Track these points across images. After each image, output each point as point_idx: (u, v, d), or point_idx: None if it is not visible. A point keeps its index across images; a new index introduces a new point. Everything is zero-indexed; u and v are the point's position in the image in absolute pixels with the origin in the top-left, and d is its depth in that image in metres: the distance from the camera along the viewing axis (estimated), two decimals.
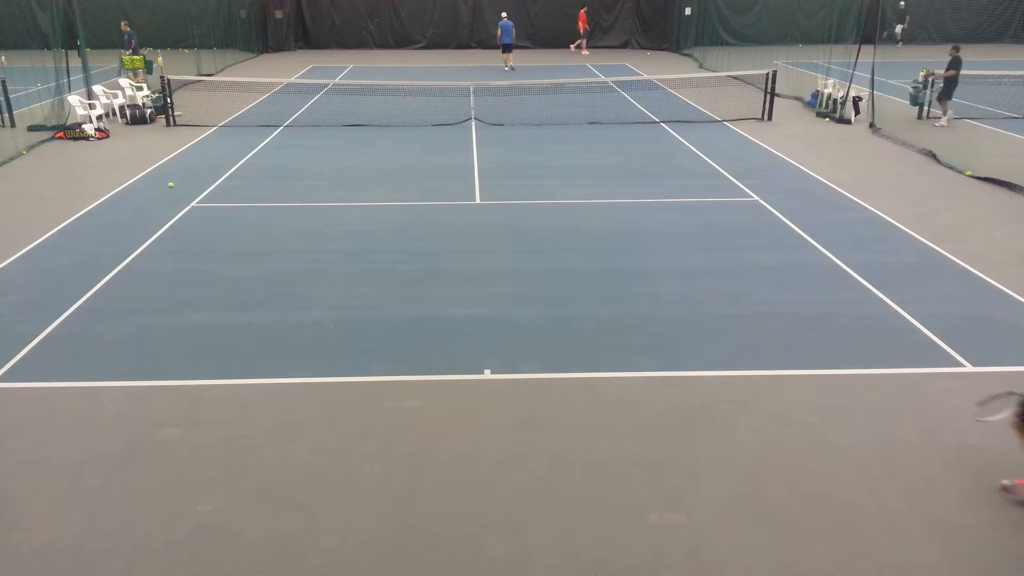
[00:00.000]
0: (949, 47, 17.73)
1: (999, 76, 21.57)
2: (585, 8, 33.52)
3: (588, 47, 34.12)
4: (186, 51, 28.14)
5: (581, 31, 33.20)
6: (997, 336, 7.78)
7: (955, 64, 17.20)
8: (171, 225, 11.09)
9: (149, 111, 18.64)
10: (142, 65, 21.21)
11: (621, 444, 6.07)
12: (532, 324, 8.08)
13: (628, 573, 4.82)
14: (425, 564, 4.89)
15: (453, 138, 16.75)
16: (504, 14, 29.99)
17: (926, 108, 18.49)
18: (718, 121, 18.58)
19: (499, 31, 28.40)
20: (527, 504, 5.41)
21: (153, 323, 8.10)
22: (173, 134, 17.31)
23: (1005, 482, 5.54)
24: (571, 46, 33.53)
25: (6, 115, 17.69)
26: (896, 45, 31.72)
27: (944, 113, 17.92)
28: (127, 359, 7.37)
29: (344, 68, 28.74)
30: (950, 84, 17.57)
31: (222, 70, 27.21)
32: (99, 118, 17.64)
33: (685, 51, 32.66)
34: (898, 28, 32.56)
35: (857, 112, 18.42)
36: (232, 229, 10.97)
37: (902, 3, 32.54)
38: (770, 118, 18.52)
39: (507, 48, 28.16)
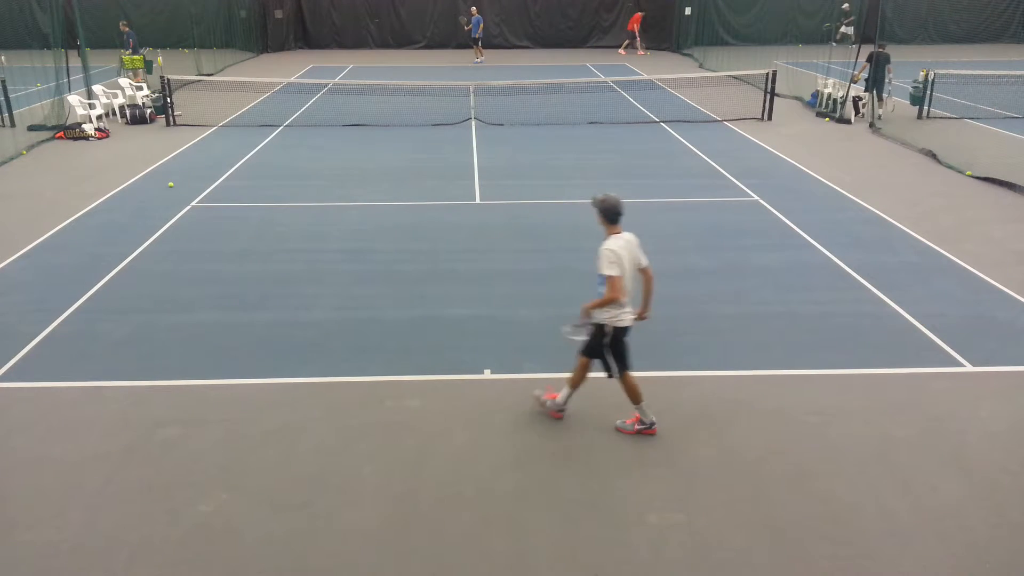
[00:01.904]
0: (879, 45, 18.40)
1: (999, 76, 21.58)
2: (642, 13, 33.06)
3: (589, 47, 34.29)
4: (186, 51, 28.15)
5: (635, 32, 33.01)
6: (997, 336, 7.78)
7: (869, 59, 18.00)
8: (171, 225, 11.09)
9: (149, 111, 18.64)
10: (142, 65, 21.20)
11: (621, 444, 6.07)
12: (532, 324, 8.08)
13: (628, 573, 4.82)
14: (425, 564, 4.89)
15: (453, 138, 16.75)
16: (474, 8, 31.10)
17: (926, 108, 18.50)
18: (718, 121, 18.58)
19: (473, 25, 30.29)
20: (527, 504, 5.41)
21: (153, 323, 8.10)
22: (173, 134, 17.31)
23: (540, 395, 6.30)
24: (637, 51, 33.44)
25: (6, 115, 17.69)
26: (844, 45, 31.30)
27: (882, 106, 18.41)
28: (127, 359, 7.37)
29: (344, 68, 28.74)
30: (876, 79, 18.23)
31: (222, 70, 27.21)
32: (99, 118, 17.64)
33: (685, 51, 32.66)
34: (844, 28, 32.15)
35: (857, 112, 18.43)
36: (232, 229, 10.97)
37: (846, 5, 32.19)
38: (770, 118, 18.52)
39: (475, 41, 30.26)
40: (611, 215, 5.82)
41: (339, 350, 7.58)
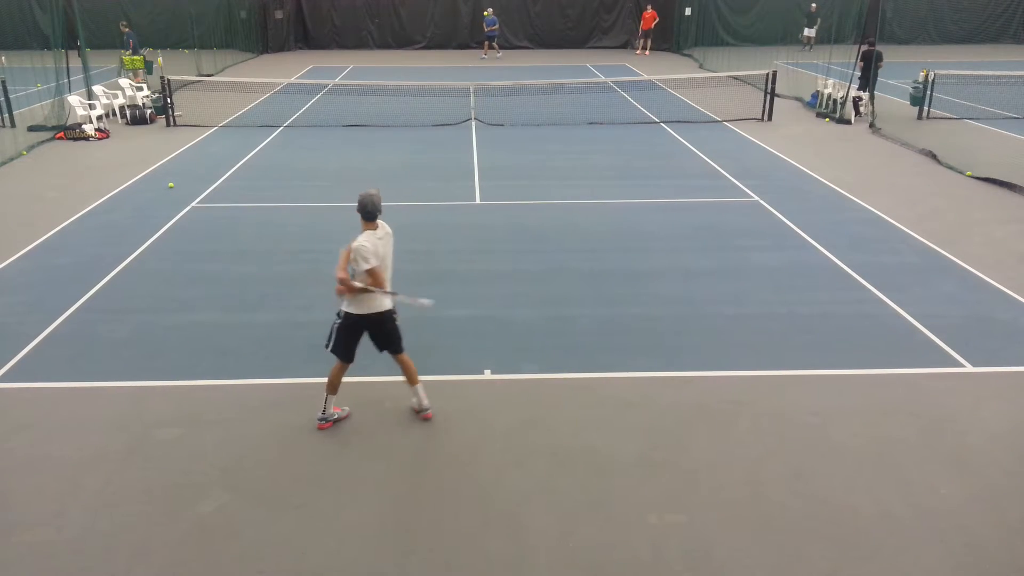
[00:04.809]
0: (868, 41, 18.61)
1: (999, 76, 21.59)
2: (651, 8, 32.76)
3: (589, 47, 34.35)
4: (186, 51, 28.16)
5: (643, 31, 32.91)
6: (997, 336, 7.78)
7: (865, 56, 18.26)
8: (171, 225, 11.09)
9: (149, 111, 18.64)
10: (142, 65, 21.22)
11: (621, 444, 6.07)
12: (532, 324, 8.08)
13: (628, 573, 4.81)
14: (425, 564, 4.89)
15: (453, 138, 16.75)
16: (490, 9, 31.98)
17: (926, 109, 18.50)
18: (718, 121, 18.58)
19: (485, 24, 31.73)
20: (527, 504, 5.41)
21: (153, 323, 8.10)
22: (173, 134, 17.31)
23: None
24: (636, 49, 33.29)
25: (6, 115, 17.69)
26: (805, 49, 31.14)
27: (868, 102, 18.53)
28: (127, 359, 7.37)
29: (344, 68, 28.74)
30: (866, 75, 18.43)
31: (222, 70, 27.21)
32: (99, 118, 17.64)
33: (685, 51, 32.65)
34: (807, 32, 31.86)
35: (857, 112, 18.43)
36: (232, 229, 10.97)
37: (814, 5, 31.89)
38: (770, 118, 18.52)
39: (489, 39, 31.68)
40: (364, 212, 5.91)
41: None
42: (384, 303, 6.05)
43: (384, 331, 6.16)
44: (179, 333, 7.89)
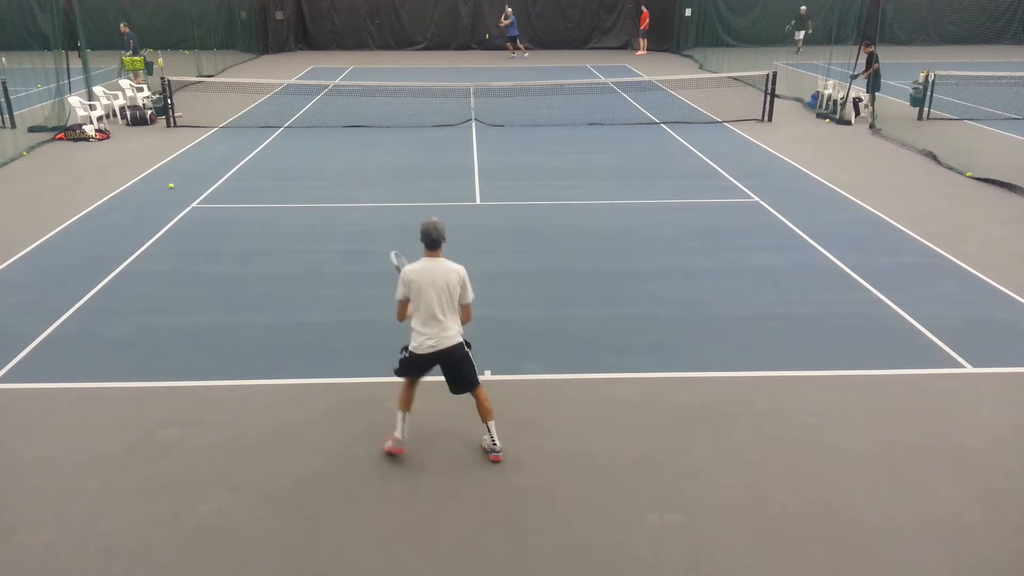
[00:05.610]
0: (864, 44, 18.46)
1: (999, 77, 21.59)
2: (645, 9, 32.89)
3: (590, 48, 34.41)
4: (186, 52, 28.19)
5: (641, 30, 33.03)
6: (997, 336, 7.78)
7: (873, 59, 18.09)
8: (171, 226, 11.09)
9: (149, 112, 18.66)
10: (142, 66, 21.21)
11: (621, 444, 6.07)
12: (532, 324, 8.08)
13: (628, 573, 4.81)
14: (425, 564, 4.89)
15: (453, 139, 16.76)
16: (509, 9, 32.11)
17: (926, 109, 18.49)
18: (718, 122, 18.59)
19: (510, 23, 32.03)
20: (527, 504, 5.41)
21: (153, 323, 8.10)
22: (173, 135, 17.32)
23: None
24: (637, 50, 33.49)
25: (7, 116, 17.70)
26: (796, 52, 31.10)
27: (870, 103, 18.47)
28: (127, 359, 7.37)
29: (344, 69, 28.75)
30: (876, 78, 18.24)
31: (222, 71, 27.23)
32: (99, 119, 17.65)
33: (685, 52, 32.66)
34: (799, 34, 31.80)
35: (857, 113, 18.43)
36: (232, 230, 10.98)
37: (803, 8, 31.78)
38: (770, 119, 18.52)
39: (513, 39, 32.07)
40: (424, 240, 5.68)
41: (339, 351, 7.58)
42: (451, 338, 5.61)
43: (455, 368, 5.70)
44: (179, 333, 7.89)
